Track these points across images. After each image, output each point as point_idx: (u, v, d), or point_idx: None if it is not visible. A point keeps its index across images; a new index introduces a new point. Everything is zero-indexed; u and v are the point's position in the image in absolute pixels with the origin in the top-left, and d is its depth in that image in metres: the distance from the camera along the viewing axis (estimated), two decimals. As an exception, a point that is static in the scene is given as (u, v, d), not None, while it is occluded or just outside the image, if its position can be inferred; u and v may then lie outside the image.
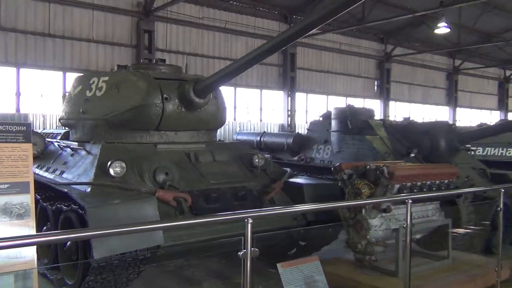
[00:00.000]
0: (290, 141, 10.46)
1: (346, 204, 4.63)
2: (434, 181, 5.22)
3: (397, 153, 8.28)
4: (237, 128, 18.13)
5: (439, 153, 8.10)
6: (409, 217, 3.97)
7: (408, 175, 4.94)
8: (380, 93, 24.70)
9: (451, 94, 28.59)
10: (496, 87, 32.41)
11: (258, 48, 4.75)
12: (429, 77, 27.55)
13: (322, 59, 22.22)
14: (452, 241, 5.69)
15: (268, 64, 20.06)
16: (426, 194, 4.86)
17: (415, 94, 26.88)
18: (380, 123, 9.01)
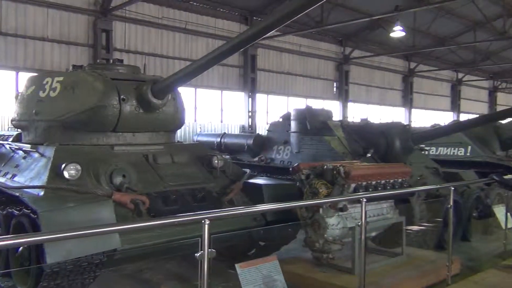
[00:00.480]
0: (250, 142, 10.51)
1: (303, 203, 4.70)
2: (388, 180, 5.38)
3: (354, 153, 8.48)
4: (198, 129, 18.02)
5: (394, 153, 8.34)
6: (364, 215, 4.08)
7: (364, 175, 5.07)
8: (339, 95, 25.19)
9: (407, 95, 29.49)
10: (449, 89, 33.71)
11: (217, 49, 4.75)
12: (386, 79, 28.33)
13: (282, 61, 22.43)
14: (406, 238, 5.89)
15: (229, 65, 20.07)
16: (380, 193, 5.00)
17: (372, 96, 27.57)
18: (338, 124, 9.20)
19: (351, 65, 25.56)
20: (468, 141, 12.26)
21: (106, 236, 3.86)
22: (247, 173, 6.11)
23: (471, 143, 12.20)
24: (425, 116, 31.06)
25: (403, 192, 5.40)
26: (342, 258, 5.25)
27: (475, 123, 9.51)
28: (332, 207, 4.94)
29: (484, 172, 11.10)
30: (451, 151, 12.63)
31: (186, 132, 18.18)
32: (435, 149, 12.91)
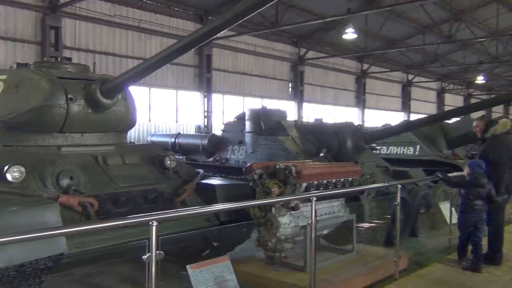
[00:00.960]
0: (205, 142, 10.46)
1: (255, 203, 4.73)
2: (339, 179, 5.51)
3: (308, 152, 8.61)
4: (152, 130, 17.76)
5: (346, 152, 8.54)
6: (314, 214, 4.17)
7: (315, 174, 5.17)
8: (294, 95, 25.50)
9: (360, 96, 30.25)
10: (400, 90, 34.85)
11: (169, 47, 4.69)
12: (339, 80, 28.94)
13: (238, 61, 22.46)
14: (356, 235, 6.06)
15: (184, 64, 19.90)
16: (330, 191, 5.11)
17: (327, 96, 28.09)
18: (292, 124, 9.31)
19: (306, 66, 25.94)
20: (416, 140, 12.72)
21: (51, 240, 3.73)
22: (200, 173, 6.08)
23: (419, 143, 12.67)
24: (377, 116, 31.97)
25: (353, 191, 5.54)
26: (294, 257, 5.33)
27: (423, 123, 9.88)
28: (284, 206, 5.00)
29: (431, 170, 11.51)
30: (401, 150, 13.06)
31: (140, 132, 17.87)
32: (386, 149, 13.31)
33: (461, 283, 5.52)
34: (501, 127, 6.28)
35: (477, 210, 6.09)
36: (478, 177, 6.09)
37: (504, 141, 6.24)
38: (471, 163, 6.41)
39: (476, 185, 6.08)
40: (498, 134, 6.26)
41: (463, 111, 11.01)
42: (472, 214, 6.11)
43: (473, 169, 6.22)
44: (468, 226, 6.15)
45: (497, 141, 6.26)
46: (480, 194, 6.09)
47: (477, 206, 6.08)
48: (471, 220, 6.12)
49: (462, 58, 30.51)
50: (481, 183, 6.07)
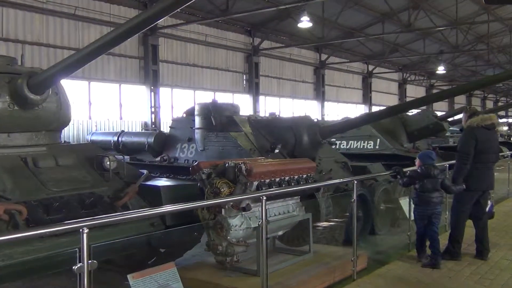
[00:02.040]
0: (151, 141, 10.30)
1: (203, 204, 4.72)
2: (293, 176, 5.57)
3: (262, 149, 8.65)
4: (93, 128, 17.34)
5: (302, 148, 8.64)
6: (264, 214, 4.20)
7: (266, 172, 5.20)
8: (249, 88, 25.58)
9: (319, 88, 30.73)
10: (360, 82, 35.67)
11: (106, 35, 4.58)
12: (297, 71, 29.27)
13: (187, 52, 22.29)
14: (313, 235, 6.16)
15: (128, 56, 19.54)
16: (280, 190, 5.17)
17: (284, 89, 28.36)
18: (245, 119, 9.32)
19: (261, 56, 26.07)
20: (376, 134, 13.08)
21: (-29, 253, 3.58)
22: (144, 174, 6.00)
23: (379, 136, 13.03)
24: (338, 109, 32.61)
25: (306, 188, 5.62)
26: (248, 260, 5.35)
27: (382, 115, 10.13)
28: (234, 207, 5.01)
29: (392, 164, 11.96)
30: (361, 145, 13.39)
31: (80, 131, 17.41)
32: (345, 143, 13.62)
33: (420, 280, 5.72)
34: (479, 120, 6.58)
35: (431, 202, 6.34)
36: (429, 168, 6.37)
37: (478, 134, 6.49)
38: (421, 154, 6.72)
39: (427, 176, 6.34)
40: (473, 126, 6.54)
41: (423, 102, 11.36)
42: (426, 206, 6.37)
43: (423, 160, 6.50)
44: (422, 219, 6.43)
45: (469, 132, 6.56)
46: (434, 186, 6.35)
47: (431, 198, 6.35)
48: (425, 213, 6.39)
49: (423, 48, 31.58)
50: (431, 173, 6.35)
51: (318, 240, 6.58)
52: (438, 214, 6.45)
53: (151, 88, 20.23)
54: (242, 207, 4.99)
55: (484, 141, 6.48)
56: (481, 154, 6.46)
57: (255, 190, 5.07)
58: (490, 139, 6.58)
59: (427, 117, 13.33)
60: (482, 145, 6.46)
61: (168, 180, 6.55)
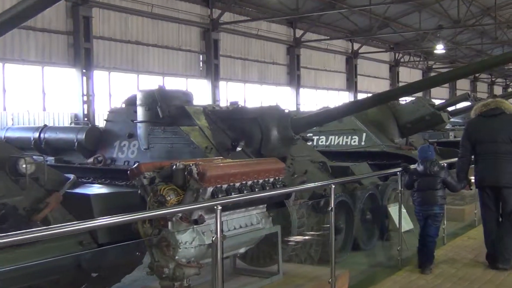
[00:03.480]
0: (82, 137, 10.23)
1: (144, 216, 4.66)
2: (257, 181, 5.58)
3: (221, 147, 8.68)
4: (9, 122, 16.98)
5: (270, 145, 8.70)
6: (219, 227, 4.19)
7: (224, 175, 5.19)
8: (207, 71, 25.53)
9: (293, 71, 30.93)
10: (343, 63, 36.07)
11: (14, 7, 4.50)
12: (266, 50, 29.38)
13: (129, 26, 22.07)
14: (283, 252, 6.19)
15: (53, 31, 19.23)
16: (239, 198, 5.17)
17: (250, 72, 28.43)
18: (200, 110, 9.32)
19: (221, 32, 26.04)
20: (362, 127, 13.29)
21: None
22: (70, 180, 5.93)
23: (366, 130, 13.25)
24: (316, 97, 32.91)
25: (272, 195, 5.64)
26: (202, 285, 5.34)
27: (369, 104, 10.22)
28: (184, 219, 4.98)
29: (380, 164, 12.19)
30: (343, 140, 13.57)
31: (-9, 126, 17.01)
32: (324, 139, 13.79)
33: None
34: (473, 110, 7.32)
35: (425, 202, 6.88)
36: (426, 164, 6.86)
37: (472, 123, 7.24)
38: (419, 149, 7.30)
39: (425, 173, 6.85)
40: (472, 116, 7.29)
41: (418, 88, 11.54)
42: (420, 206, 6.95)
43: (420, 155, 7.07)
44: (419, 220, 7.03)
45: (465, 124, 7.52)
46: (430, 184, 6.86)
47: (424, 198, 6.90)
48: (419, 213, 6.98)
49: (418, 22, 32.13)
50: (429, 170, 6.85)
51: (289, 259, 6.59)
52: (435, 216, 6.90)
53: (83, 71, 19.95)
54: (194, 219, 4.96)
55: (477, 130, 7.06)
56: (477, 145, 7.01)
57: (210, 198, 5.05)
58: (487, 127, 7.04)
59: (423, 106, 13.62)
60: (476, 134, 7.05)
61: (102, 187, 6.49)
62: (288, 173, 8.07)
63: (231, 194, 5.21)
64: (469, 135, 7.09)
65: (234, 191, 5.29)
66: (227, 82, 26.87)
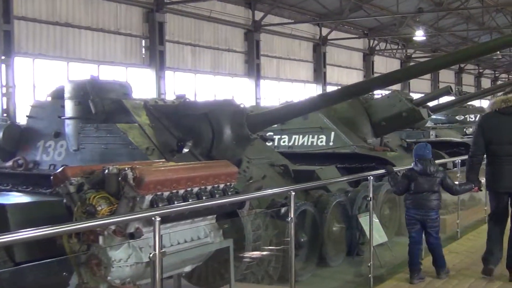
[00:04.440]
0: (-2, 136, 10.05)
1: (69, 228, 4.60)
2: (205, 187, 5.59)
3: (164, 148, 8.66)
4: None
5: (223, 145, 8.72)
6: (158, 242, 4.18)
7: (165, 180, 5.18)
8: (150, 59, 25.33)
9: (252, 60, 30.93)
10: (310, 51, 36.30)
11: None
12: (221, 35, 29.33)
13: (57, 5, 21.77)
14: (236, 270, 6.20)
15: (-36, 10, 18.80)
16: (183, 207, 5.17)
17: (202, 60, 28.33)
18: (141, 105, 9.27)
19: (167, 13, 25.92)
20: (330, 125, 13.41)
21: None
22: (-18, 187, 5.84)
23: (334, 129, 13.37)
24: (279, 90, 33.03)
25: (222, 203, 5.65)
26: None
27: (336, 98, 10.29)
28: (118, 233, 4.96)
29: (351, 167, 12.33)
30: (308, 140, 13.67)
31: None
32: (287, 138, 13.86)
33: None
34: (490, 104, 7.69)
35: (424, 206, 7.27)
36: (424, 163, 7.26)
37: (487, 120, 7.52)
38: (415, 147, 7.69)
39: (423, 174, 7.25)
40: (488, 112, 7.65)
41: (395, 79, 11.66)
42: (417, 210, 7.32)
43: (417, 153, 7.41)
44: (413, 224, 7.38)
45: (478, 121, 7.94)
46: (430, 186, 7.26)
47: (424, 201, 7.27)
48: (415, 217, 7.33)
49: (395, 5, 32.56)
50: (427, 170, 7.23)
51: (243, 278, 6.61)
52: (432, 221, 7.29)
53: (2, 58, 19.56)
54: (129, 232, 4.95)
55: (494, 129, 7.37)
56: (492, 145, 7.33)
57: (148, 208, 5.03)
58: (503, 126, 7.38)
59: (400, 101, 13.81)
60: (491, 133, 7.35)
61: (22, 195, 6.44)
62: (243, 178, 8.11)
63: (174, 203, 5.20)
64: (484, 132, 7.36)
65: (178, 200, 5.28)
66: (174, 71, 26.72)
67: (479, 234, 9.63)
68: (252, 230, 6.44)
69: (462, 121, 22.76)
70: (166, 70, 25.87)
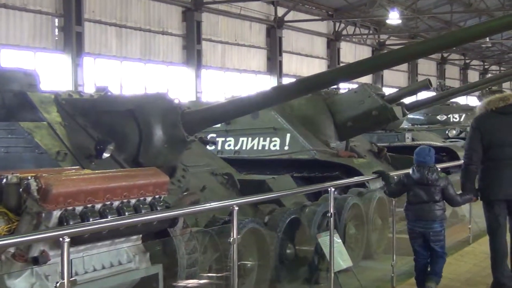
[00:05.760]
0: None
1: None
2: (128, 200, 5.56)
3: (80, 152, 8.56)
4: None
5: (152, 149, 8.66)
6: (66, 268, 4.14)
7: (77, 193, 5.14)
8: (65, 42, 25.10)
9: (192, 45, 30.87)
10: (263, 36, 36.40)
11: None
12: (153, 14, 29.23)
13: None
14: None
15: None
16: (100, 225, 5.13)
17: (129, 45, 28.19)
18: (50, 98, 9.16)
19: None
20: (285, 125, 13.42)
21: None
22: None
23: (290, 130, 13.39)
24: (225, 82, 33.07)
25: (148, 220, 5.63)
26: None
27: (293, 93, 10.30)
28: (18, 257, 4.90)
29: (310, 177, 12.39)
30: (259, 144, 13.67)
31: None
32: (233, 141, 13.83)
33: None
34: (487, 102, 7.94)
35: (423, 217, 7.70)
36: (424, 171, 7.63)
37: (485, 121, 7.88)
38: (416, 152, 7.98)
39: (420, 182, 7.64)
40: (482, 112, 7.96)
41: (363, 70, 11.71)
42: (415, 222, 7.81)
43: (416, 159, 7.83)
44: (414, 238, 7.86)
45: (474, 121, 8.08)
46: (430, 195, 7.66)
47: (423, 212, 7.69)
48: (415, 230, 7.83)
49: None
50: (425, 178, 7.60)
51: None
52: (436, 234, 7.70)
53: None
54: (33, 257, 4.90)
55: (493, 130, 7.74)
56: (492, 148, 7.69)
57: (56, 226, 4.98)
58: (504, 127, 7.76)
59: (369, 96, 13.89)
60: (491, 135, 7.71)
61: None
62: (177, 190, 8.10)
63: (89, 220, 5.16)
64: (482, 135, 7.69)
65: (93, 216, 5.24)
66: (94, 58, 26.57)
67: (463, 257, 9.82)
68: (186, 253, 6.40)
69: (444, 121, 23.13)
70: (85, 56, 25.69)
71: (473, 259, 9.65)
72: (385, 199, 10.42)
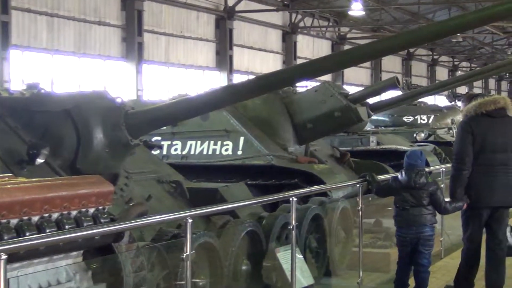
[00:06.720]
0: None
1: None
2: (68, 212, 5.51)
3: (11, 157, 8.47)
4: None
5: (92, 154, 8.62)
6: (3, 287, 4.10)
7: (11, 204, 5.07)
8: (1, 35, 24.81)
9: (133, 38, 30.75)
10: (212, 28, 36.42)
11: None
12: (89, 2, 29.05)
13: None
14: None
15: None
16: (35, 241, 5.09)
17: (62, 36, 27.98)
18: (-25, 97, 9.10)
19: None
20: (239, 128, 13.44)
21: None
22: None
23: (244, 132, 13.40)
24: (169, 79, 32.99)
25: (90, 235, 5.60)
26: None
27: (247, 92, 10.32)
28: None
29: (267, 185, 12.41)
30: (209, 148, 13.66)
31: None
32: (180, 145, 13.80)
33: None
34: (476, 105, 8.17)
35: (414, 222, 7.98)
36: (412, 175, 7.98)
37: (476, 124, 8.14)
38: (407, 154, 8.44)
39: (407, 186, 7.99)
40: (470, 114, 8.24)
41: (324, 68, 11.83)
42: (406, 229, 8.08)
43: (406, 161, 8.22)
44: (404, 245, 8.20)
45: (463, 124, 8.42)
46: (418, 199, 7.95)
47: (414, 217, 8.00)
48: (406, 238, 8.09)
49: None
50: (413, 181, 7.93)
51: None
52: (427, 239, 8.05)
53: None
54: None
55: (485, 134, 8.05)
56: (482, 153, 8.01)
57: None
58: (495, 130, 8.09)
59: (331, 96, 13.96)
60: (482, 140, 8.02)
61: None
62: (120, 200, 8.06)
63: (24, 234, 5.12)
64: (474, 138, 7.99)
65: (29, 230, 5.20)
66: (22, 51, 26.36)
67: (434, 274, 9.90)
68: (133, 271, 6.40)
69: (411, 123, 23.38)
70: (12, 48, 25.48)
71: (446, 275, 9.72)
72: (349, 210, 10.52)
